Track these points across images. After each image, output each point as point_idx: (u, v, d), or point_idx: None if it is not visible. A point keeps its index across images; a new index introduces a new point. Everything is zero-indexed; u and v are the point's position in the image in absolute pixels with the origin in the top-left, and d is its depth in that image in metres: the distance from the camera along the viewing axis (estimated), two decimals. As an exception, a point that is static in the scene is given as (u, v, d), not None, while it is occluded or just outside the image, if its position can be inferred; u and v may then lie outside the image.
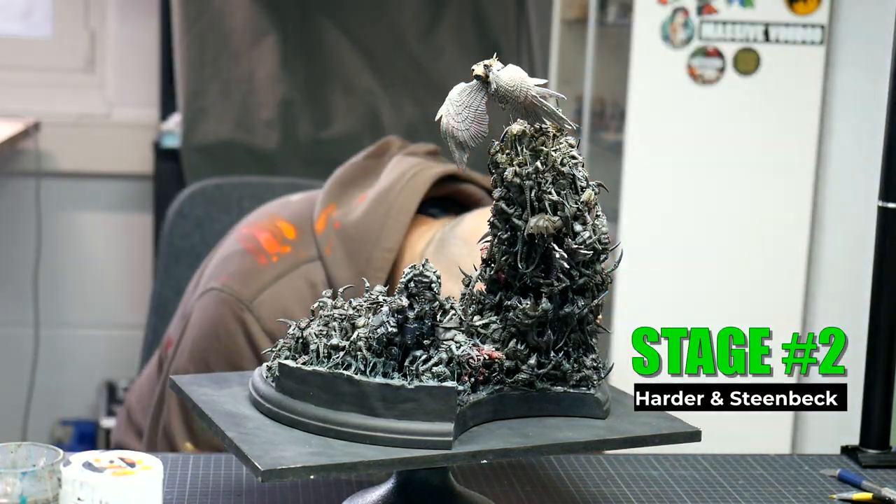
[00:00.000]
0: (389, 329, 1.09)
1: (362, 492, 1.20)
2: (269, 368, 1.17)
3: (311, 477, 1.03)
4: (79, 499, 0.97)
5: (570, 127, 1.13)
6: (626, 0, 3.57)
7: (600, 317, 1.18)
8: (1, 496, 0.98)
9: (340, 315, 1.15)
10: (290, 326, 1.17)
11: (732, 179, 3.21)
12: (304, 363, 1.12)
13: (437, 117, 1.12)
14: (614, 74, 3.67)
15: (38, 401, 3.27)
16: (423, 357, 1.09)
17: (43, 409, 3.29)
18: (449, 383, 1.08)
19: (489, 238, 1.19)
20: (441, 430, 1.08)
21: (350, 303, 1.18)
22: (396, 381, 1.08)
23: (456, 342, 1.11)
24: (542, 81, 1.12)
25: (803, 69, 3.08)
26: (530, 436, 1.12)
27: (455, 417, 1.08)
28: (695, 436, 1.16)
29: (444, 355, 1.10)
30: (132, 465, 1.00)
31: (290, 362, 1.13)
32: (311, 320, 1.17)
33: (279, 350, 1.17)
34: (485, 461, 1.09)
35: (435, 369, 1.09)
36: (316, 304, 1.19)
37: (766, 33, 3.06)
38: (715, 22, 3.08)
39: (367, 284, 1.21)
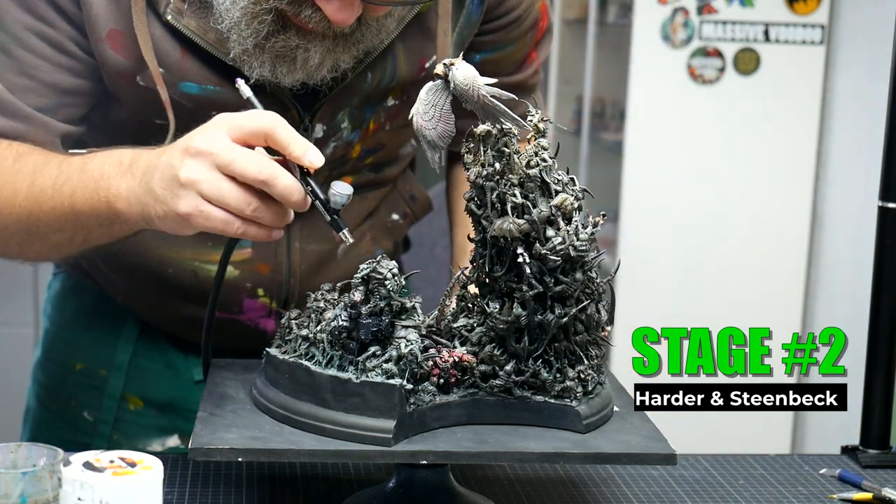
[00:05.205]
0: (341, 323, 1.10)
1: (363, 492, 1.20)
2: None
3: (239, 459, 1.05)
4: (79, 499, 0.97)
5: (524, 127, 1.09)
6: (626, 0, 3.57)
7: (609, 328, 1.16)
8: (1, 496, 0.98)
9: (317, 307, 1.17)
10: (283, 317, 1.20)
11: (732, 179, 3.21)
12: (283, 352, 1.15)
13: (409, 116, 1.10)
14: (614, 74, 3.67)
15: (38, 401, 3.27)
16: (374, 353, 1.10)
17: (43, 409, 3.29)
18: (395, 381, 1.08)
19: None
20: (383, 427, 1.08)
21: (324, 296, 1.19)
22: (345, 374, 1.10)
23: (407, 340, 1.11)
24: (492, 81, 1.07)
25: (803, 69, 3.08)
26: (489, 442, 1.10)
27: (398, 415, 1.08)
28: (670, 458, 1.11)
29: (394, 353, 1.10)
30: (132, 465, 1.00)
31: (272, 350, 1.16)
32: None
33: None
34: (424, 462, 1.09)
35: (385, 366, 1.10)
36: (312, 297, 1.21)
37: (766, 33, 3.06)
38: (715, 22, 3.08)
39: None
